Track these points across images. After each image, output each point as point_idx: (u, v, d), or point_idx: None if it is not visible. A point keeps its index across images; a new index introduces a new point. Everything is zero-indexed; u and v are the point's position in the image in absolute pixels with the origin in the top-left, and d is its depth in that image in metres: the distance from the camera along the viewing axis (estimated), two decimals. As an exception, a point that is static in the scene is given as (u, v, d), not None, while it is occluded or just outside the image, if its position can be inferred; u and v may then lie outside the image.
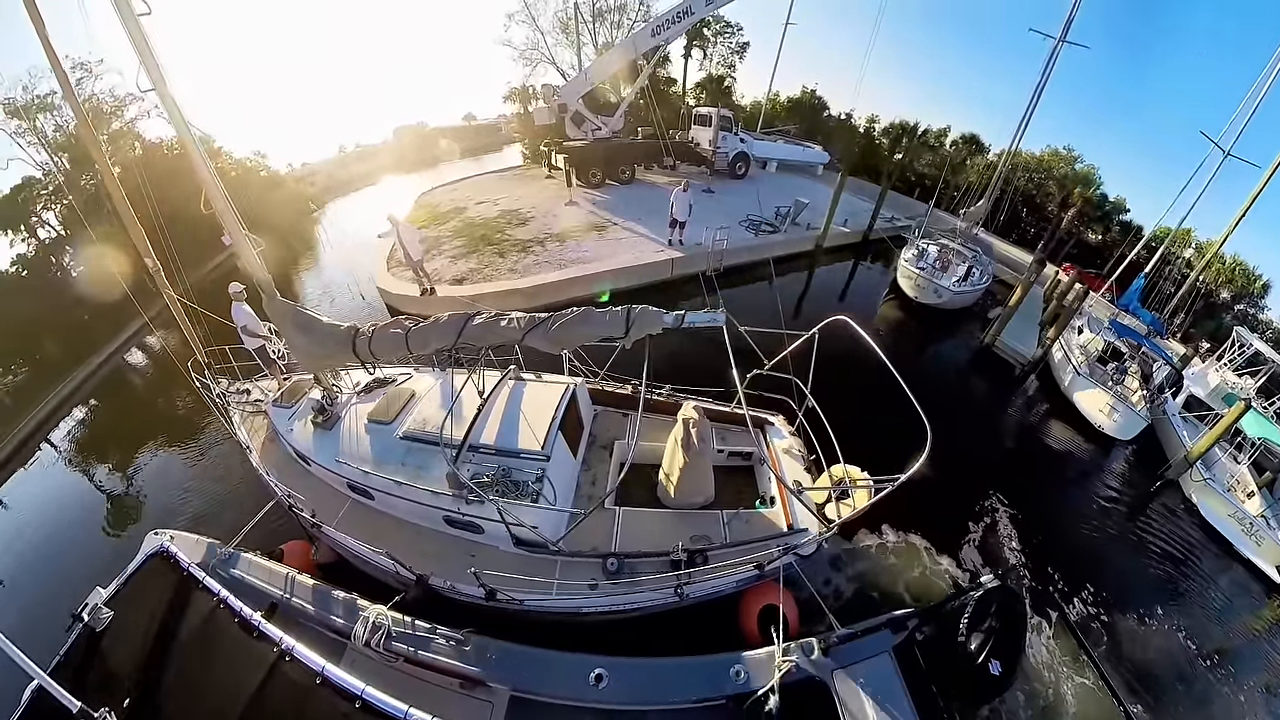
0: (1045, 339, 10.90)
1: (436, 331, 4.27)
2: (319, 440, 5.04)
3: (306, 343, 4.81)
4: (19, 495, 8.60)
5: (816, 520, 4.29)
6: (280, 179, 30.35)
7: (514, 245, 13.56)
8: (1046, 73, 12.34)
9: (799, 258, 15.11)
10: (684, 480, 4.75)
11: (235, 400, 6.19)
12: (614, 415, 5.94)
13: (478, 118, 49.05)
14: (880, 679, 3.51)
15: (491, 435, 4.55)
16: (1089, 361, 10.03)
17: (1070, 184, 24.95)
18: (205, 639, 3.29)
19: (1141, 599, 6.17)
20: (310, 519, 4.62)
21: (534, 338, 4.09)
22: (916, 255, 13.27)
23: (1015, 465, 8.30)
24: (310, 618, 3.84)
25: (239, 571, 4.19)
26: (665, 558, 4.16)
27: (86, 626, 3.33)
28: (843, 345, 4.34)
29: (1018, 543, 6.50)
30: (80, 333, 13.57)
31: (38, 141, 19.88)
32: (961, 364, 11.38)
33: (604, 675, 3.44)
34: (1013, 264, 16.99)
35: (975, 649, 3.53)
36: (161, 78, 3.83)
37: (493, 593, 3.92)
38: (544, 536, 4.02)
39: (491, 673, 3.46)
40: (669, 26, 16.01)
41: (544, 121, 18.60)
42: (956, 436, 8.08)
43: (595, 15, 25.00)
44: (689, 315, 4.00)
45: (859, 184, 19.47)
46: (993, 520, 6.78)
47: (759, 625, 4.25)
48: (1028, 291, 10.97)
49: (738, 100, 30.19)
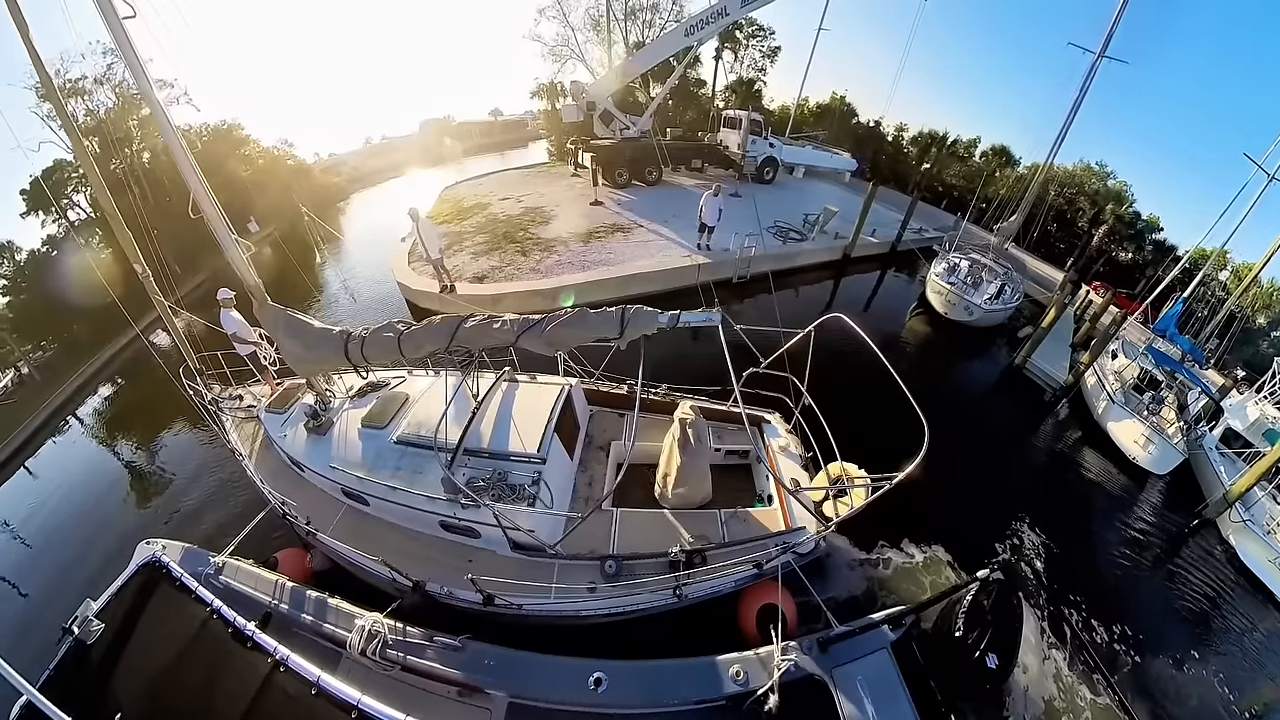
0: (1078, 363, 10.53)
1: (429, 335, 4.22)
2: (312, 446, 4.99)
3: (298, 348, 4.75)
4: (6, 504, 8.50)
5: (814, 519, 4.29)
6: (307, 169, 30.82)
7: (537, 244, 13.39)
8: (1085, 88, 11.97)
9: (826, 267, 14.75)
10: (681, 480, 4.74)
11: (228, 407, 6.13)
12: (610, 416, 5.91)
13: (504, 113, 49.39)
14: (879, 675, 3.52)
15: (487, 438, 4.52)
16: (1123, 389, 9.61)
17: (1102, 200, 24.41)
18: (198, 650, 3.25)
19: (1172, 641, 5.80)
20: (305, 526, 4.58)
21: (528, 339, 4.05)
22: (947, 270, 12.88)
23: (1043, 490, 7.87)
24: (305, 627, 3.79)
25: (232, 581, 4.13)
26: (664, 559, 4.15)
27: (77, 639, 3.29)
28: (840, 343, 4.32)
29: (1043, 568, 6.25)
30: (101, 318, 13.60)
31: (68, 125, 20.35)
32: (990, 384, 11.02)
33: (603, 679, 3.43)
34: (1042, 281, 16.33)
35: (972, 643, 3.54)
36: (147, 80, 3.78)
37: (490, 598, 3.89)
38: (541, 540, 3.99)
39: (489, 679, 3.43)
40: (703, 27, 15.71)
41: (571, 119, 18.47)
42: (984, 458, 8.08)
43: (627, 14, 24.88)
44: (684, 315, 3.98)
45: (886, 193, 19.06)
46: (1018, 543, 6.55)
47: (758, 624, 4.24)
48: (1062, 313, 10.51)
49: (766, 104, 30.02)
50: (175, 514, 7.04)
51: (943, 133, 29.66)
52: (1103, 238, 22.28)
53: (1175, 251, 17.61)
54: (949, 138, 29.54)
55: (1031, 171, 18.30)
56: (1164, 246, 22.87)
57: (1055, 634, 5.40)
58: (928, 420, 3.26)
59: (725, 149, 20.40)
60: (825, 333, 4.46)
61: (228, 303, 6.68)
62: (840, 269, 14.93)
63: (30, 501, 8.47)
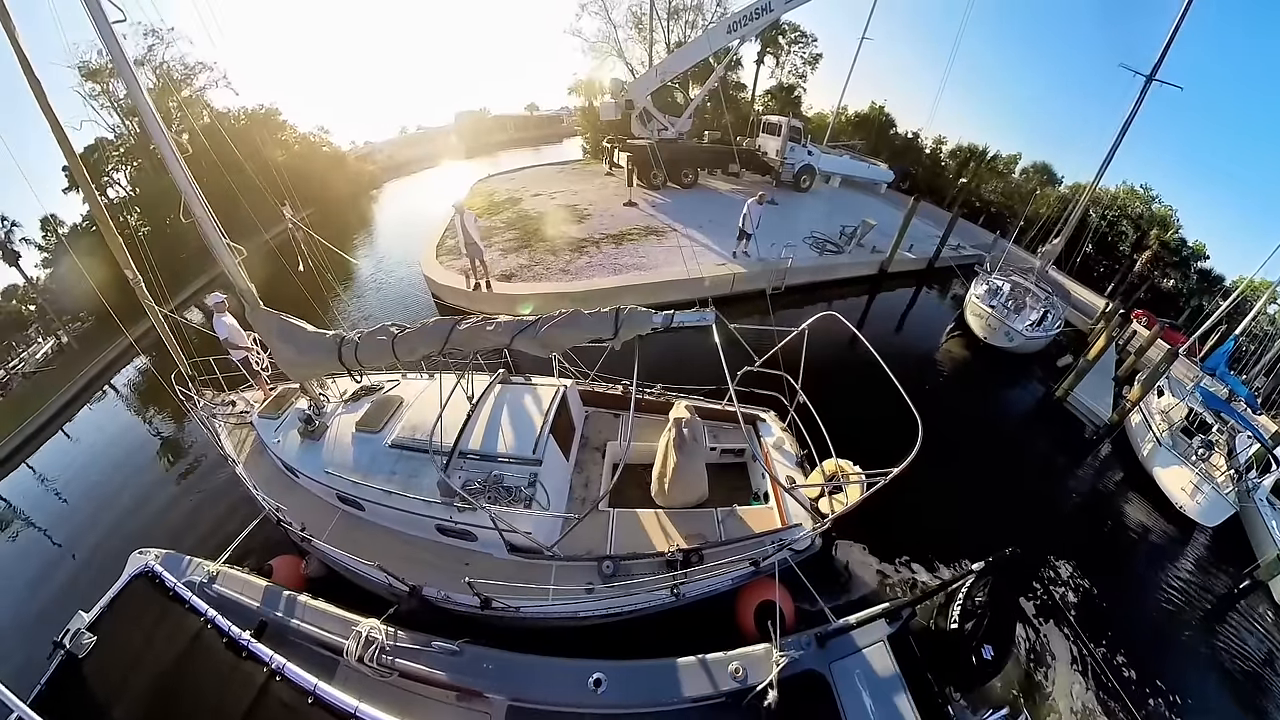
0: (1123, 400, 9.80)
1: (423, 337, 4.21)
2: (306, 451, 4.95)
3: (291, 352, 4.72)
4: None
5: (810, 515, 4.31)
6: (342, 156, 31.10)
7: (568, 243, 13.11)
8: (1134, 110, 11.43)
9: (861, 282, 14.08)
10: (677, 479, 4.75)
11: (220, 413, 6.07)
12: (605, 416, 5.91)
13: (540, 108, 49.42)
14: (877, 669, 3.55)
15: (482, 440, 4.51)
16: (1171, 431, 8.94)
17: (1145, 225, 23.22)
18: (192, 661, 3.21)
19: (1209, 700, 5.40)
20: (299, 532, 4.54)
21: (522, 341, 4.05)
22: (988, 292, 12.22)
23: (1082, 530, 7.36)
24: (301, 635, 3.76)
25: (227, 589, 4.09)
26: (661, 558, 4.16)
27: (68, 653, 3.24)
28: (836, 340, 4.33)
29: (1075, 604, 5.94)
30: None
31: (109, 104, 21.18)
32: (1029, 415, 10.38)
33: (602, 679, 3.43)
34: (1083, 308, 15.30)
35: (968, 634, 3.59)
36: (137, 85, 3.73)
37: (488, 601, 3.88)
38: (538, 542, 3.99)
39: (488, 683, 3.42)
40: (746, 23, 15.56)
41: (609, 117, 18.29)
42: (1021, 492, 7.65)
43: (670, 13, 24.75)
44: (678, 315, 4.00)
45: (922, 206, 17.86)
46: (1054, 576, 6.23)
47: (756, 621, 4.26)
48: (1109, 345, 9.86)
49: (804, 111, 29.65)
50: (168, 523, 6.96)
51: (982, 147, 28.85)
52: (1145, 263, 21.18)
53: (1222, 282, 16.83)
54: (989, 152, 28.72)
55: (1073, 191, 17.75)
56: (1209, 275, 22.07)
57: (1081, 673, 5.18)
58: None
59: (763, 154, 20.07)
60: (820, 331, 4.48)
61: (220, 308, 6.62)
62: (876, 284, 14.27)
63: (16, 513, 8.39)
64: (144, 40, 21.29)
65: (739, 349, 4.80)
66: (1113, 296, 15.41)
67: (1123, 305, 13.06)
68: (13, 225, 18.01)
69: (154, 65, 21.94)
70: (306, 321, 4.85)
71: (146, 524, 7.06)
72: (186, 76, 23.16)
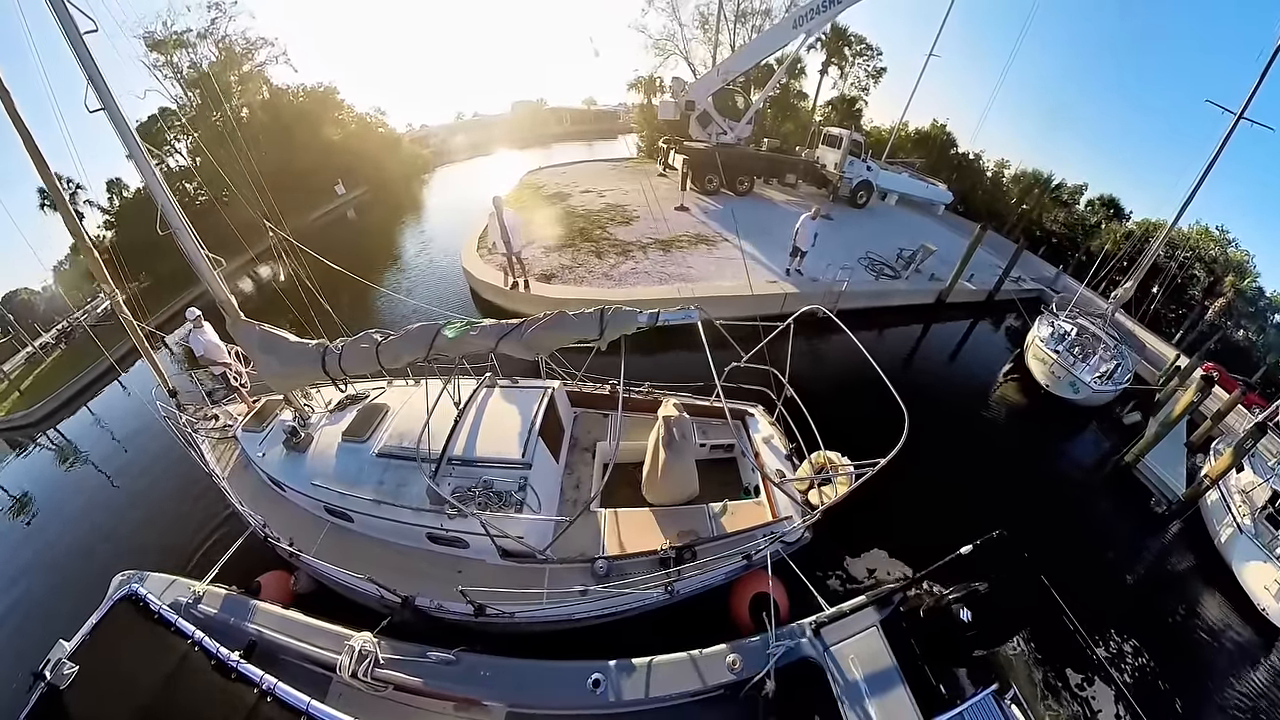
0: (1199, 473, 8.38)
1: (407, 344, 4.17)
2: (292, 464, 4.87)
3: (274, 363, 4.64)
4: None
5: (800, 508, 4.36)
6: (398, 138, 31.26)
7: (613, 246, 12.56)
8: (1221, 148, 10.43)
9: (916, 310, 13.03)
10: (668, 477, 4.77)
11: (203, 428, 5.94)
12: (594, 416, 5.91)
13: (598, 102, 48.42)
14: (871, 654, 3.61)
15: (470, 446, 4.47)
16: (1254, 516, 7.47)
17: (1220, 270, 20.74)
18: (180, 685, 3.13)
19: None
20: (287, 547, 4.46)
21: (508, 344, 4.02)
22: (1054, 336, 11.00)
23: (1147, 617, 6.40)
24: (292, 653, 3.70)
25: (213, 610, 4.00)
26: (654, 556, 4.17)
27: (49, 685, 3.12)
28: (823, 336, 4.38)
29: (1131, 688, 5.29)
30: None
31: (172, 75, 21.62)
32: (1091, 479, 8.96)
33: (601, 679, 3.43)
34: (1153, 360, 13.24)
35: (957, 616, 3.66)
36: (111, 96, 3.63)
37: (482, 608, 3.85)
38: (531, 546, 3.97)
39: (486, 691, 3.40)
40: (812, 17, 15.15)
41: (667, 116, 17.93)
42: (1082, 567, 6.76)
43: (738, 16, 24.36)
44: (663, 314, 4.01)
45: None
46: (1110, 653, 5.66)
47: (751, 614, 4.30)
48: (1189, 409, 8.70)
49: (865, 124, 28.47)
50: (151, 544, 6.78)
51: (1047, 174, 27.15)
52: (1217, 312, 19.01)
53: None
54: (1053, 180, 26.92)
55: (1143, 228, 16.84)
56: (1291, 330, 19.68)
57: (1072, 651, 5.04)
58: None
59: (822, 167, 19.25)
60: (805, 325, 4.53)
61: (197, 323, 6.47)
62: (932, 314, 13.16)
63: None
64: (207, 14, 21.75)
65: (726, 346, 4.83)
66: (1179, 346, 13.98)
67: (1199, 361, 11.44)
68: (77, 187, 18.43)
69: (216, 39, 22.27)
70: (290, 333, 4.78)
71: (128, 544, 6.87)
72: (247, 51, 23.34)
